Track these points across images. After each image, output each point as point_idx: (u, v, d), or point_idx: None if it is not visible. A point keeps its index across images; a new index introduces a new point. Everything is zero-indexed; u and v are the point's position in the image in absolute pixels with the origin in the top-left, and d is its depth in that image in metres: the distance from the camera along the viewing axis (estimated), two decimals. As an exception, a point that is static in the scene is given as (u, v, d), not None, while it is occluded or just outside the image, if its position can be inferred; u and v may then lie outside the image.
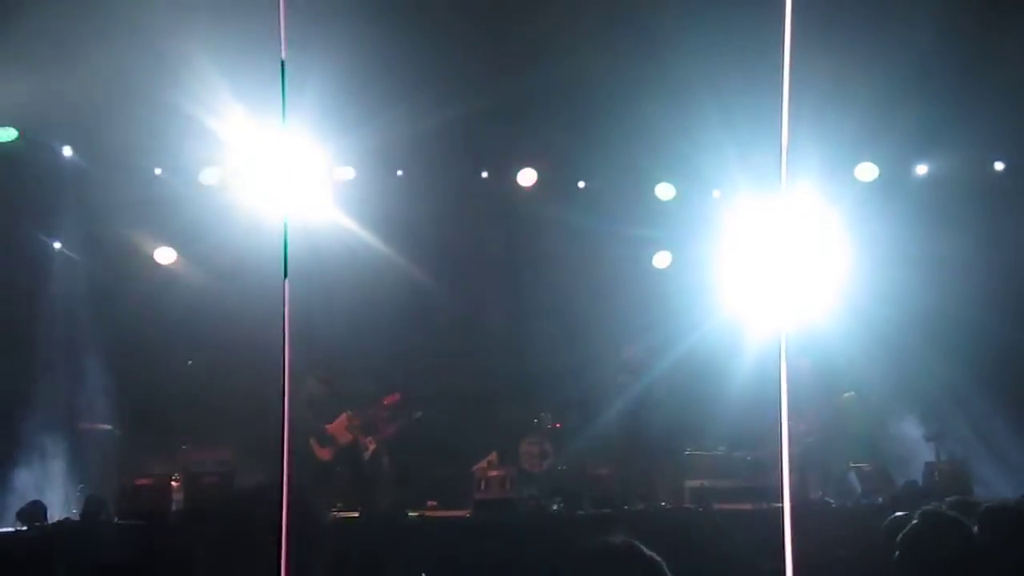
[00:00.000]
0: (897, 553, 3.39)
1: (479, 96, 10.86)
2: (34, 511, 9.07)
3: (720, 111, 10.55)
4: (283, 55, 3.02)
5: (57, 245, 11.76)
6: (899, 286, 11.78)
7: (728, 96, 10.40)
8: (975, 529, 3.26)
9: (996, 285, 12.03)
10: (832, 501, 10.83)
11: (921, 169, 12.98)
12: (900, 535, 3.43)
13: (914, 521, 3.46)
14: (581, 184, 13.11)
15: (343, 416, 10.70)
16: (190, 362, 11.97)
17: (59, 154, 11.27)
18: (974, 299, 11.66)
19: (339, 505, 10.93)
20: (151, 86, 10.11)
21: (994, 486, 10.86)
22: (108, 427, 10.50)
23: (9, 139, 11.07)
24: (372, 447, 11.19)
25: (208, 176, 12.07)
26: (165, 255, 12.31)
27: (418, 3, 10.29)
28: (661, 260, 13.19)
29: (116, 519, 9.35)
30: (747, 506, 11.24)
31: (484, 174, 12.87)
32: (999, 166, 12.84)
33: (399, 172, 12.49)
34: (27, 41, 9.39)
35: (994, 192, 12.70)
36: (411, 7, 10.20)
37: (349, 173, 12.14)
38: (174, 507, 9.69)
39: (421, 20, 10.24)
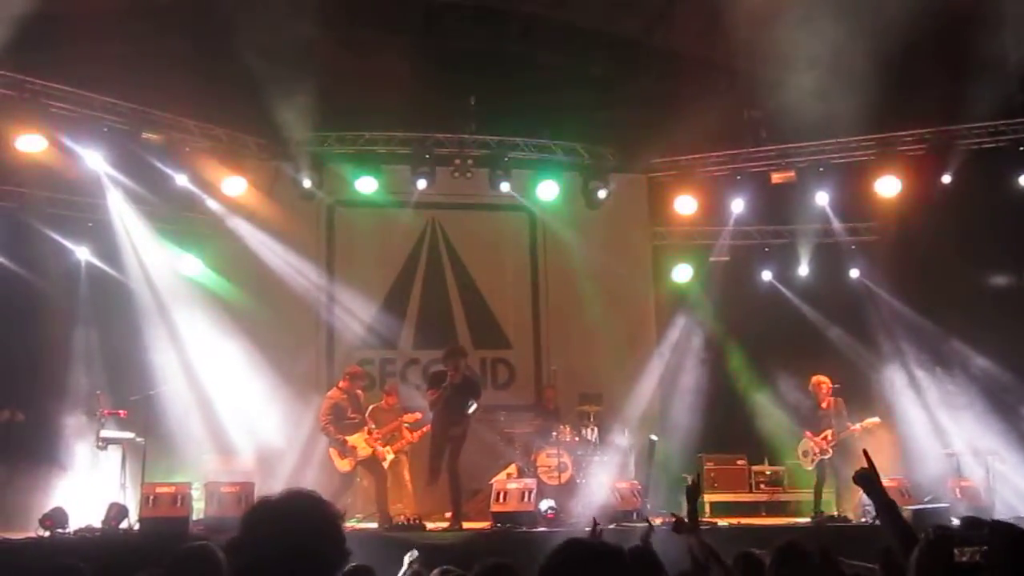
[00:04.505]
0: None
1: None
2: (56, 518, 9.14)
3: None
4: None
5: (84, 255, 11.89)
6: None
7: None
8: (983, 548, 3.25)
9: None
10: (851, 518, 10.76)
11: None
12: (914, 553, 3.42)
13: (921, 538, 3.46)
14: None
15: (364, 428, 10.72)
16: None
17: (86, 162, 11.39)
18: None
19: (358, 516, 10.96)
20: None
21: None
22: (131, 435, 10.56)
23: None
24: (390, 458, 11.21)
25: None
26: (190, 265, 12.43)
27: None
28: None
29: (138, 527, 9.41)
30: (765, 521, 11.23)
31: None
32: None
33: None
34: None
35: None
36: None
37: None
38: (194, 515, 9.74)
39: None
